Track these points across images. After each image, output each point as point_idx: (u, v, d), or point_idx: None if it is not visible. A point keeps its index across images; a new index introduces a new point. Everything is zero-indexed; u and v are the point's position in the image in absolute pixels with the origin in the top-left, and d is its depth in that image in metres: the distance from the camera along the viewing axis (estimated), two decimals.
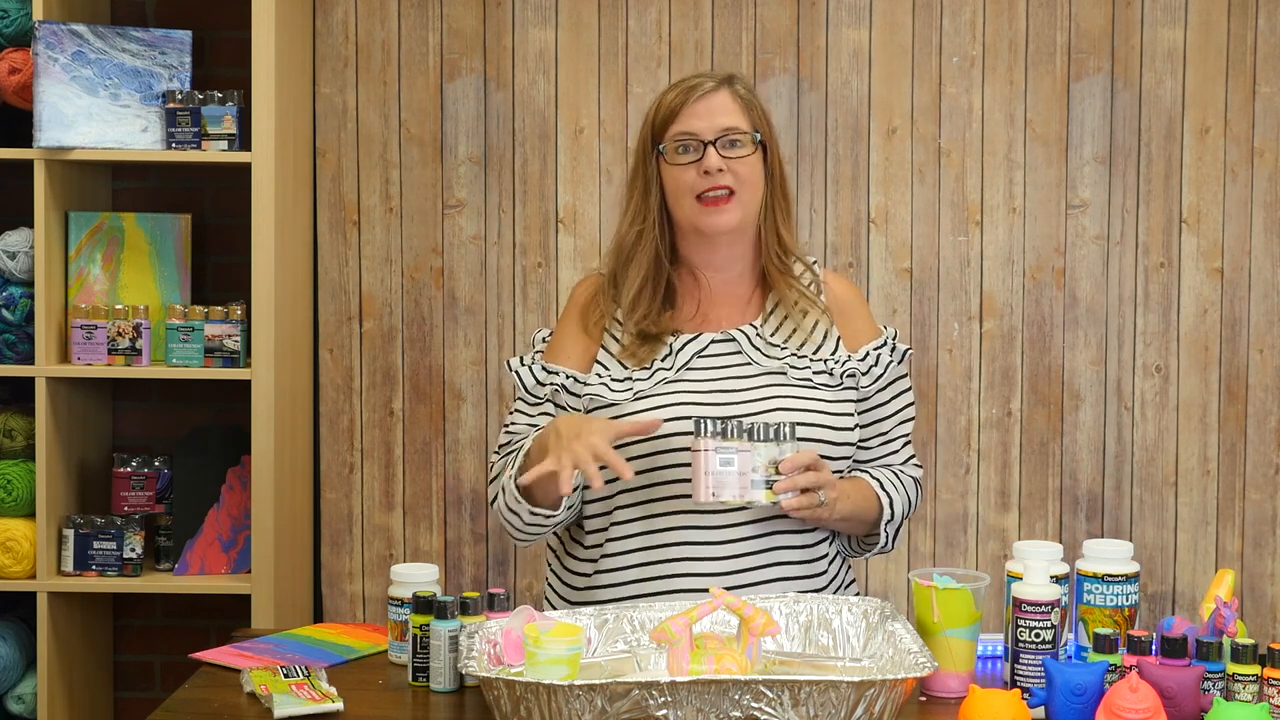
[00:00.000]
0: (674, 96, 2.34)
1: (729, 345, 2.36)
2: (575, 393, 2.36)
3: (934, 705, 2.05)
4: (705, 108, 2.32)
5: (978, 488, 3.42)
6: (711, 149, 2.30)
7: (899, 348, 2.42)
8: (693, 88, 2.34)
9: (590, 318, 2.41)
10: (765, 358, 2.35)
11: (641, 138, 2.38)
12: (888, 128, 3.39)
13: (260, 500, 3.13)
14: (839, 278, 2.49)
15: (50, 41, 3.10)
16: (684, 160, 2.31)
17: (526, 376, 2.40)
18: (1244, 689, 1.93)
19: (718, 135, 2.31)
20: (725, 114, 2.32)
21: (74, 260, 3.22)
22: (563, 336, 2.42)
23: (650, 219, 2.35)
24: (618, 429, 2.20)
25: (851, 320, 2.43)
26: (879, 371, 2.38)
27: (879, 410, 2.41)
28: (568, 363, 2.39)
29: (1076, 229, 3.40)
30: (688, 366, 2.34)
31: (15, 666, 3.21)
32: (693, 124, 2.31)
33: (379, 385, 3.45)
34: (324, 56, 3.42)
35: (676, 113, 2.32)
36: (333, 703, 2.01)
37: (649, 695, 1.80)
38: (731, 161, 2.31)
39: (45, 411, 3.13)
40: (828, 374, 2.35)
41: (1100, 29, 3.38)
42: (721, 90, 2.34)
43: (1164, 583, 3.41)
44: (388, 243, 3.43)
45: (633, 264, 2.37)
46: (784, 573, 2.30)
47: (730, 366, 2.35)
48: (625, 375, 2.33)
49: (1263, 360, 3.39)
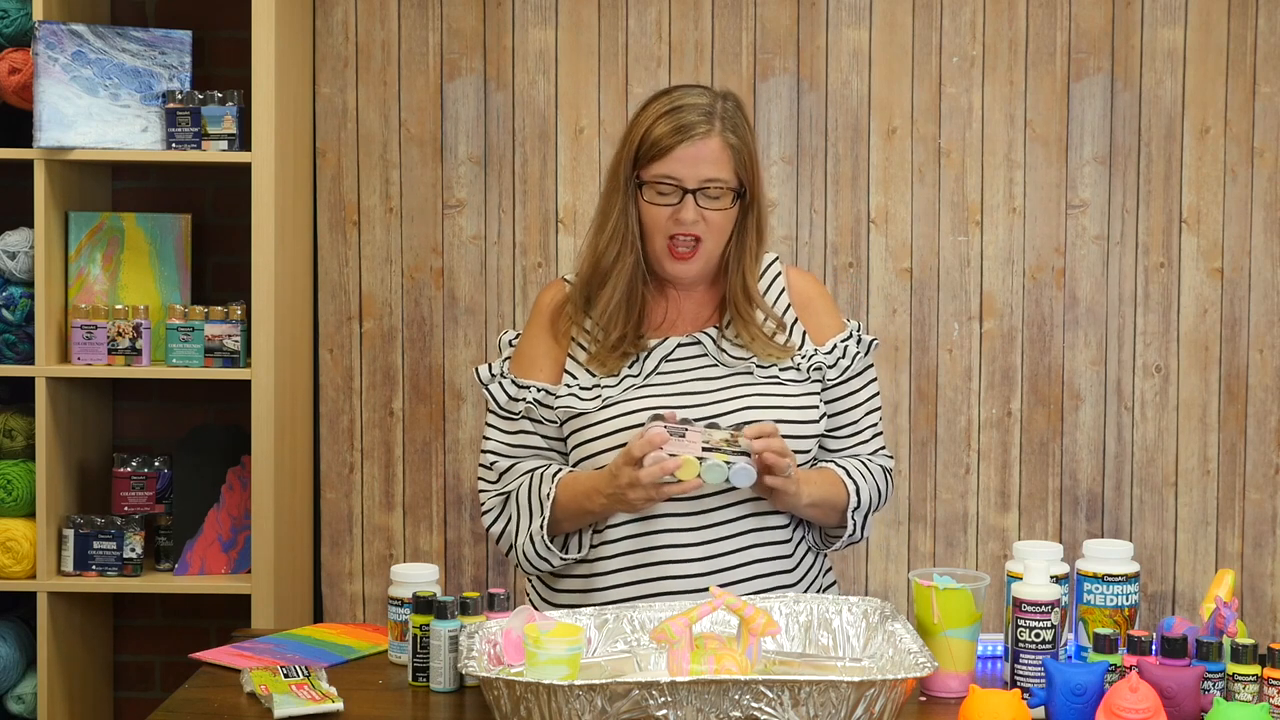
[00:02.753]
0: (665, 132, 2.30)
1: (695, 348, 2.38)
2: (549, 405, 2.36)
3: (934, 705, 2.05)
4: (693, 154, 2.29)
5: (978, 488, 3.42)
6: (690, 199, 2.29)
7: (864, 338, 2.43)
8: (686, 128, 2.29)
9: (558, 325, 2.41)
10: (731, 358, 2.36)
11: (623, 153, 2.35)
12: (888, 128, 3.40)
13: (260, 500, 3.13)
14: (801, 273, 2.50)
15: (50, 41, 3.10)
16: (661, 202, 2.31)
17: (498, 392, 2.40)
18: (1244, 689, 1.93)
19: (699, 186, 2.29)
20: (711, 164, 2.30)
21: (74, 260, 3.22)
22: (532, 345, 2.42)
23: (631, 242, 2.35)
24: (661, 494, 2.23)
25: (816, 314, 2.44)
26: (845, 364, 2.40)
27: (846, 401, 2.42)
28: (540, 374, 2.39)
29: (1076, 229, 3.40)
30: (656, 371, 2.35)
31: (15, 666, 3.21)
32: (677, 169, 2.29)
33: (379, 385, 3.45)
34: (324, 56, 3.42)
35: (665, 153, 2.29)
36: (333, 703, 2.01)
37: (649, 695, 1.80)
38: (707, 212, 2.31)
39: (45, 411, 3.13)
40: (794, 369, 2.37)
41: (1100, 29, 3.38)
42: (713, 138, 2.30)
43: (1164, 583, 3.41)
44: (388, 243, 3.43)
45: (609, 283, 2.36)
46: (760, 570, 2.32)
47: (697, 369, 2.37)
48: (594, 383, 2.34)
49: (1263, 360, 3.39)
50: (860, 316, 3.40)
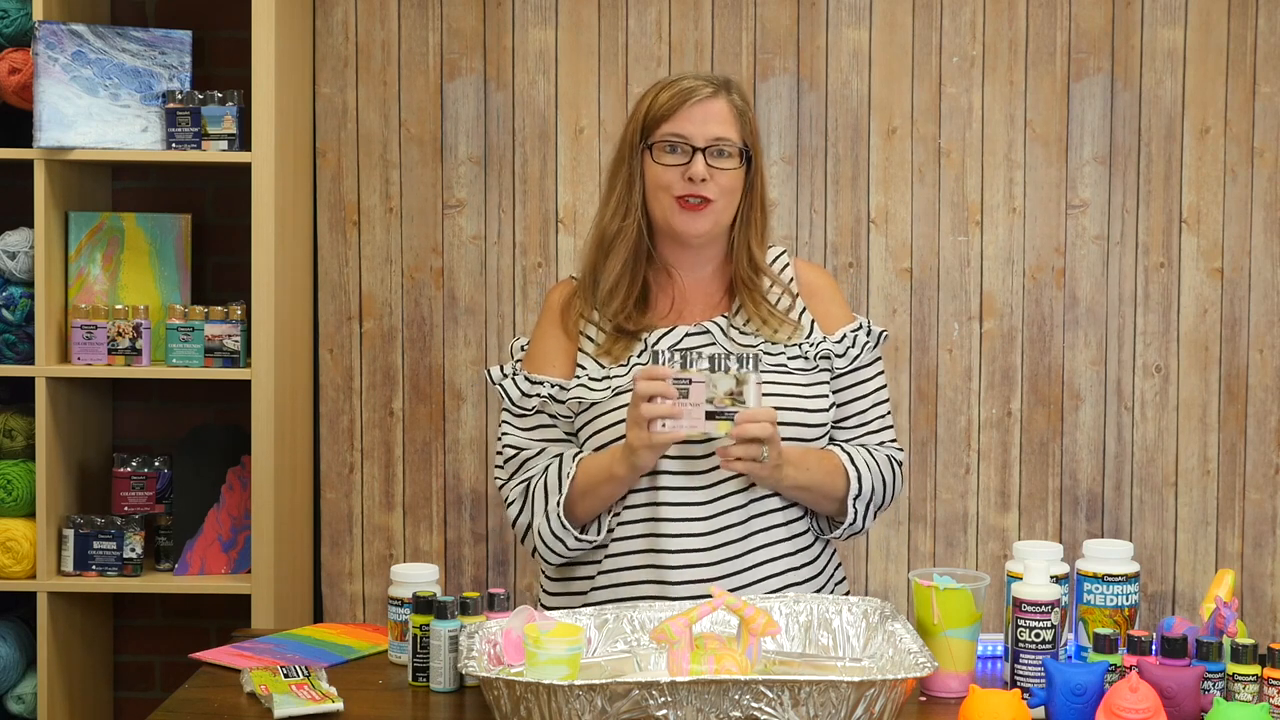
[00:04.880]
0: (670, 97, 2.34)
1: (704, 337, 2.38)
2: (561, 399, 2.37)
3: (934, 705, 2.05)
4: (701, 113, 2.32)
5: (978, 488, 3.42)
6: (700, 156, 2.31)
7: (874, 329, 2.44)
8: (690, 90, 2.34)
9: (569, 319, 2.42)
10: (739, 346, 2.37)
11: (629, 130, 2.38)
12: (888, 128, 3.40)
13: (260, 500, 3.13)
14: (809, 264, 2.51)
15: (50, 41, 3.10)
16: (670, 161, 2.32)
17: (511, 389, 2.41)
18: (1244, 689, 1.93)
19: (708, 143, 2.32)
20: (719, 122, 2.33)
21: (74, 260, 3.22)
22: (544, 341, 2.43)
23: (633, 213, 2.36)
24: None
25: (824, 304, 2.45)
26: (855, 353, 2.40)
27: (854, 390, 2.43)
28: (553, 369, 2.40)
29: (1076, 229, 3.40)
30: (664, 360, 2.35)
31: (15, 666, 3.21)
32: (685, 127, 2.32)
33: (379, 385, 3.45)
34: (324, 56, 3.42)
35: (671, 113, 2.33)
36: (333, 703, 2.01)
37: (649, 695, 1.80)
38: (716, 172, 2.32)
39: (45, 411, 3.13)
40: (803, 358, 2.37)
41: (1100, 29, 3.38)
42: (719, 98, 2.34)
43: (1164, 583, 3.41)
44: (388, 243, 3.43)
45: (613, 254, 2.38)
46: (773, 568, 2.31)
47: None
48: (603, 374, 2.35)
49: (1263, 360, 3.39)
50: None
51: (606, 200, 2.40)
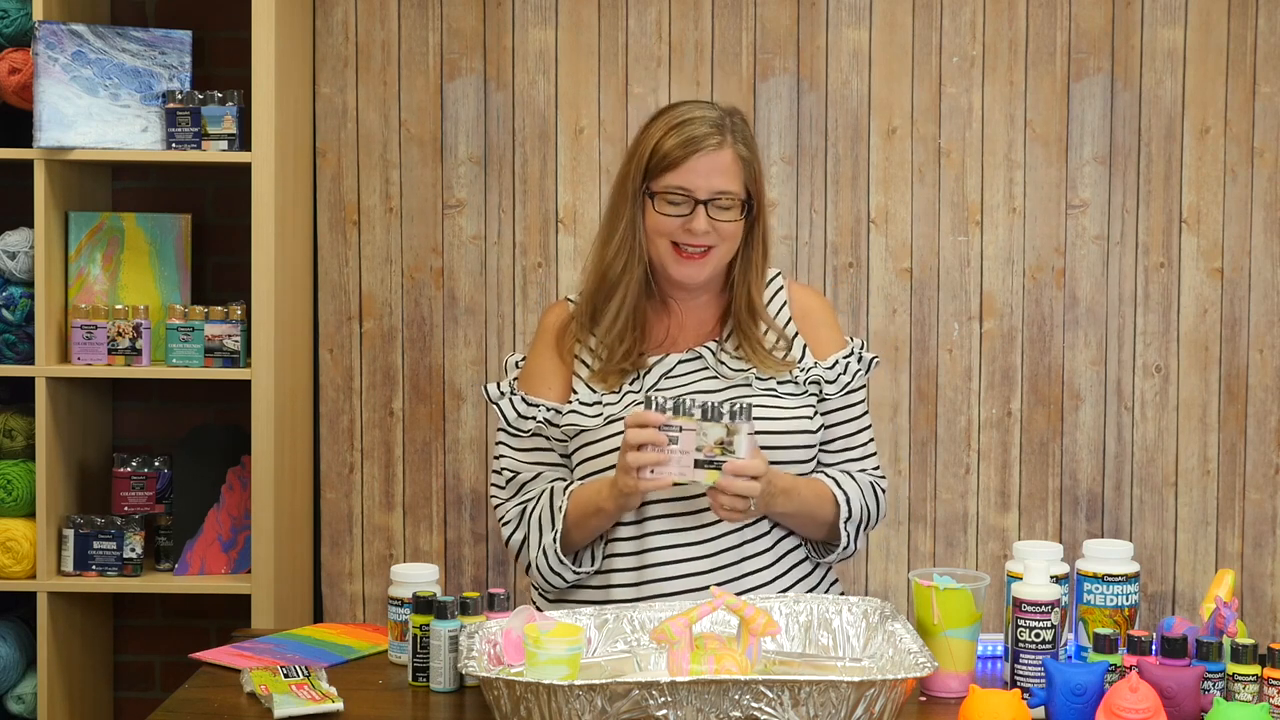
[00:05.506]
0: (675, 145, 2.30)
1: (696, 363, 2.39)
2: (557, 423, 2.37)
3: (934, 705, 2.05)
4: (705, 166, 2.30)
5: (978, 488, 3.42)
6: (701, 210, 2.30)
7: (865, 356, 2.44)
8: (696, 140, 2.30)
9: (563, 344, 2.42)
10: (730, 370, 2.37)
11: (631, 167, 2.36)
12: (888, 128, 3.39)
13: (260, 500, 3.13)
14: (804, 289, 2.51)
15: (50, 41, 3.10)
16: (672, 212, 2.31)
17: (509, 410, 2.41)
18: (1244, 689, 1.93)
19: (710, 196, 2.30)
20: (722, 176, 2.31)
21: (74, 260, 3.22)
22: (540, 364, 2.43)
23: (637, 255, 2.35)
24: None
25: (815, 328, 2.45)
26: (846, 380, 2.40)
27: (842, 414, 2.43)
28: (549, 393, 2.41)
29: (1076, 229, 3.39)
30: (655, 388, 2.35)
31: (15, 666, 3.21)
32: (689, 180, 2.30)
33: (379, 385, 3.45)
34: (324, 56, 3.42)
35: (676, 165, 2.30)
36: (333, 703, 2.01)
37: (649, 695, 1.80)
38: (718, 223, 2.31)
39: (45, 411, 3.13)
40: (793, 382, 2.37)
41: (1100, 29, 3.38)
42: (724, 149, 2.31)
43: (1164, 583, 3.41)
44: (388, 243, 3.43)
45: (615, 297, 2.37)
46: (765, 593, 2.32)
47: (697, 382, 2.38)
48: (595, 400, 2.35)
49: (1263, 360, 3.39)
50: (860, 317, 3.40)
51: (608, 239, 2.38)
